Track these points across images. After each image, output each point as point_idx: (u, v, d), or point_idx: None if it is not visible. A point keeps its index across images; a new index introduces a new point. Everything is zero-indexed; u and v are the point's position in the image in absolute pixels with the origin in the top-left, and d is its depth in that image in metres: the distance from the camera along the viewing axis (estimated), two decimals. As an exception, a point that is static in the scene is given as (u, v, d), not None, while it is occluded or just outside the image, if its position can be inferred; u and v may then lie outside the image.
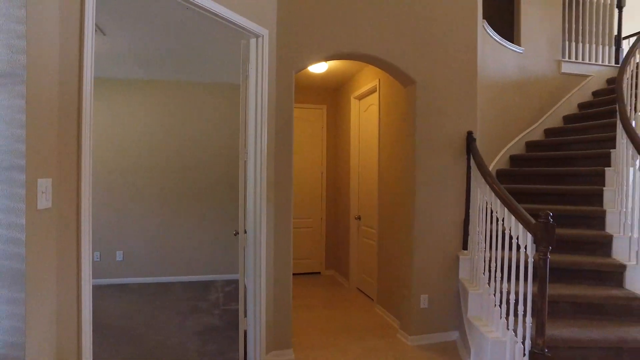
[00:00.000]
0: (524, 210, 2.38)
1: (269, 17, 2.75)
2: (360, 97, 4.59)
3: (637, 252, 2.95)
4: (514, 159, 4.63)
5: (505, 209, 2.55)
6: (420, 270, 3.21)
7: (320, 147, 5.36)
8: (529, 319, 2.29)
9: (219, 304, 4.04)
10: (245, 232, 2.77)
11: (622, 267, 2.97)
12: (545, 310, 2.15)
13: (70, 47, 1.61)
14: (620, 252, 3.09)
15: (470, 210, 3.27)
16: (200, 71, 4.54)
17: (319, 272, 5.36)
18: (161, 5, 2.81)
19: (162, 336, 3.20)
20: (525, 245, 2.33)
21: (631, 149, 3.03)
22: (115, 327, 3.36)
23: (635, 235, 3.00)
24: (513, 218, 2.45)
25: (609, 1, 5.32)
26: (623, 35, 5.71)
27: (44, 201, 1.51)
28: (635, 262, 2.95)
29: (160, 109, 4.88)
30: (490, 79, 4.38)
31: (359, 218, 4.66)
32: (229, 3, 2.41)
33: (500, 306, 2.61)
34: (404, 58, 3.17)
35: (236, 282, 4.89)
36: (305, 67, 2.99)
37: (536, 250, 2.19)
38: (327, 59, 3.06)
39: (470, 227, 3.25)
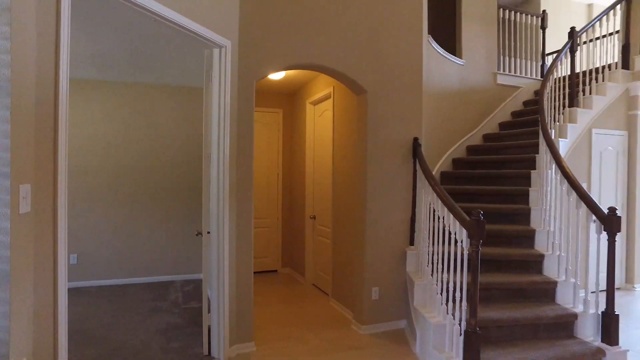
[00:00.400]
0: (460, 209, 2.72)
1: (232, 29, 2.92)
2: (316, 103, 4.84)
3: (552, 243, 3.42)
4: (456, 162, 5.07)
5: (445, 208, 2.88)
6: (371, 265, 3.50)
7: (277, 150, 5.55)
8: (464, 304, 2.63)
9: (179, 303, 4.12)
10: (209, 232, 2.91)
11: (541, 257, 3.42)
12: (477, 295, 2.50)
13: (46, 60, 1.71)
14: (540, 244, 3.56)
15: (416, 209, 3.60)
16: (159, 74, 4.58)
17: (276, 270, 5.55)
18: (123, 12, 2.89)
19: (125, 336, 3.26)
20: (462, 240, 2.67)
21: (549, 155, 3.49)
22: (74, 331, 3.38)
23: (552, 229, 3.47)
24: (451, 216, 2.79)
25: (535, 22, 5.92)
26: (547, 51, 6.38)
27: (25, 206, 1.61)
28: (551, 252, 3.41)
29: (118, 110, 4.86)
30: (435, 88, 4.79)
31: (314, 217, 4.90)
32: (193, 15, 2.56)
33: (441, 294, 2.95)
34: (356, 70, 3.44)
35: (195, 281, 4.97)
36: (266, 76, 3.18)
37: (470, 244, 2.53)
38: (286, 69, 3.27)
39: (416, 224, 3.58)
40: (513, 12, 5.74)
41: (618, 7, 5.02)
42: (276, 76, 4.55)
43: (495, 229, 3.60)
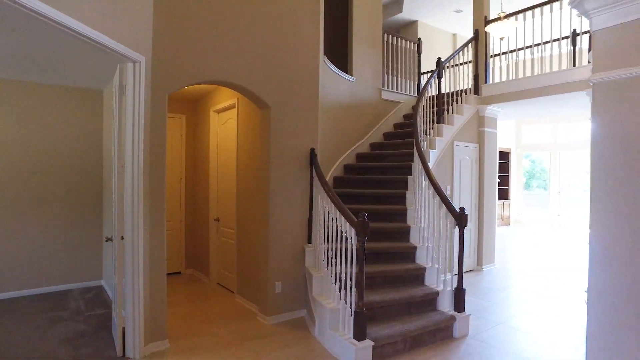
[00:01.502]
0: (349, 212, 3.28)
1: (146, 45, 3.08)
2: (220, 111, 5.08)
3: (422, 237, 4.22)
4: (347, 168, 5.74)
5: (338, 211, 3.43)
6: (274, 261, 3.92)
7: (180, 154, 5.65)
8: (353, 290, 3.19)
9: (82, 311, 4.06)
10: (123, 238, 3.05)
11: (414, 248, 4.19)
12: (363, 283, 3.08)
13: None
14: (414, 238, 4.34)
15: (313, 211, 4.11)
16: (52, 73, 4.38)
17: (180, 272, 5.66)
18: (29, 21, 2.86)
19: (25, 350, 3.19)
20: (351, 237, 3.23)
21: (420, 164, 4.28)
22: (-37, 347, 3.20)
23: (422, 225, 4.27)
24: (343, 218, 3.34)
25: (412, 47, 6.91)
26: (422, 71, 7.47)
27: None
28: (422, 244, 4.20)
29: (4, 110, 4.51)
30: (329, 102, 5.38)
31: (217, 220, 5.15)
32: (110, 32, 2.69)
33: (335, 284, 3.49)
34: (261, 87, 3.82)
35: (96, 288, 4.86)
36: (178, 89, 3.39)
37: (357, 241, 3.09)
38: (197, 84, 3.51)
39: (313, 224, 4.09)
40: (395, 37, 6.64)
41: (470, 45, 6.18)
42: (181, 84, 4.69)
43: (379, 227, 4.29)
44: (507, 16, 5.64)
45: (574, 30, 5.27)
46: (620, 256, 1.78)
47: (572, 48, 5.30)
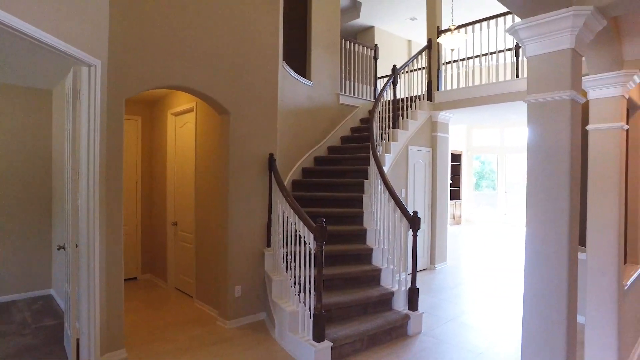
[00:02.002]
0: (308, 217, 3.37)
1: (102, 49, 3.01)
2: (177, 114, 5.02)
3: (378, 239, 4.38)
4: (305, 171, 5.83)
5: (297, 216, 3.51)
6: (234, 265, 3.94)
7: (136, 157, 5.52)
8: (312, 293, 3.29)
9: (28, 324, 3.89)
10: (77, 245, 2.97)
11: (370, 250, 4.35)
12: (321, 285, 3.18)
13: None
14: (370, 240, 4.50)
15: (272, 216, 4.17)
16: (-5, 75, 4.17)
17: (136, 277, 5.53)
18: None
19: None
20: (310, 242, 3.33)
21: (376, 168, 4.44)
22: None
23: (378, 227, 4.44)
24: (301, 223, 3.43)
25: (369, 53, 7.11)
26: (378, 75, 7.70)
27: None
28: (378, 246, 4.37)
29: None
30: (288, 107, 5.45)
31: (175, 224, 5.09)
32: (62, 35, 2.62)
33: (294, 287, 3.57)
34: (221, 93, 3.83)
35: (44, 298, 4.65)
36: (136, 94, 3.34)
37: (316, 245, 3.19)
38: (156, 88, 3.48)
39: (272, 228, 4.15)
40: (353, 43, 6.81)
41: (424, 53, 6.45)
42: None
43: (337, 230, 4.41)
44: (458, 27, 5.95)
45: (517, 43, 5.65)
46: (548, 257, 1.98)
47: (515, 60, 5.67)
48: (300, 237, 3.49)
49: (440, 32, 6.37)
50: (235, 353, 3.32)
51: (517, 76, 5.64)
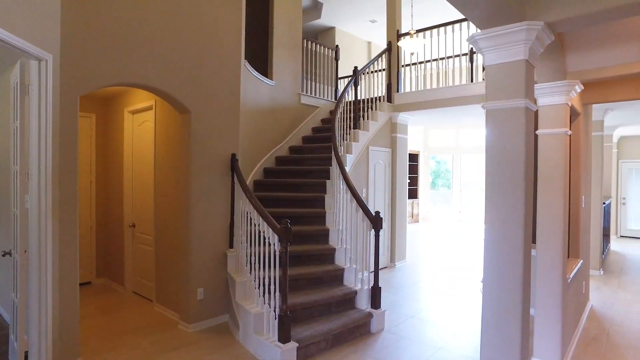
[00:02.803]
0: (272, 218, 3.37)
1: (53, 43, 2.86)
2: (135, 112, 4.85)
3: (341, 239, 4.45)
4: (267, 171, 5.80)
5: (260, 218, 3.50)
6: (196, 268, 3.87)
7: (89, 156, 5.27)
8: (277, 294, 3.29)
9: (-30, 334, 3.64)
10: (26, 251, 2.81)
11: (333, 250, 4.41)
12: (286, 286, 3.18)
13: None
14: (333, 240, 4.56)
15: (235, 216, 4.13)
16: None
17: (90, 282, 5.28)
18: None
19: None
20: (274, 243, 3.32)
21: (338, 169, 4.50)
22: None
23: (341, 227, 4.50)
24: (265, 224, 3.42)
25: (330, 54, 7.18)
26: (339, 76, 7.79)
27: None
28: (340, 246, 4.43)
29: None
30: (250, 106, 5.40)
31: (133, 226, 4.91)
32: (7, 25, 2.46)
33: (258, 288, 3.56)
34: (181, 91, 3.74)
35: (-12, 306, 4.34)
36: (91, 90, 3.20)
37: (280, 246, 3.20)
38: (113, 85, 3.34)
39: (235, 229, 4.11)
40: (314, 43, 6.84)
41: (384, 55, 6.60)
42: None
43: (300, 230, 4.43)
44: (418, 32, 6.13)
45: (472, 49, 5.90)
46: (504, 253, 2.11)
47: (470, 65, 5.92)
48: (264, 238, 3.48)
49: (400, 36, 6.54)
50: (199, 357, 3.27)
51: (472, 81, 5.89)
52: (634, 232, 10.06)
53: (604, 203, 7.15)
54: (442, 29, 6.14)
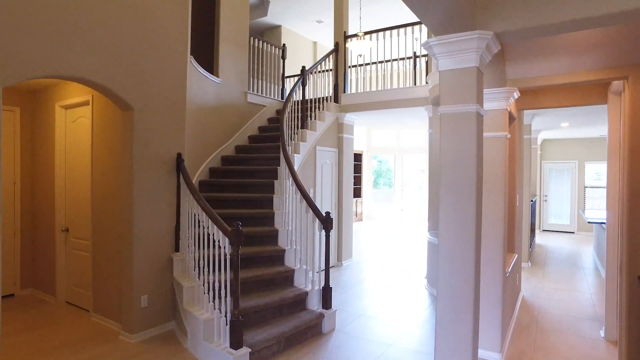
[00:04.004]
0: (222, 221, 3.26)
1: (-28, 30, 2.56)
2: (69, 107, 4.48)
3: (290, 240, 4.42)
4: (212, 171, 5.63)
5: (210, 220, 3.37)
6: (140, 274, 3.66)
7: (13, 154, 4.79)
8: (229, 299, 3.19)
9: None
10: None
11: (283, 251, 4.36)
12: (238, 291, 3.10)
13: None
14: (282, 241, 4.52)
15: (181, 218, 3.95)
16: None
17: (13, 294, 4.80)
18: None
19: None
20: (224, 246, 3.22)
21: (287, 169, 4.46)
22: None
23: (290, 228, 4.47)
24: (215, 227, 3.30)
25: (277, 52, 7.11)
26: (286, 75, 7.74)
27: None
28: (289, 247, 4.40)
29: None
30: (195, 104, 5.20)
31: (66, 230, 4.54)
32: None
33: (208, 293, 3.43)
34: (123, 86, 3.51)
35: None
36: (17, 82, 2.89)
37: (232, 249, 3.10)
38: (45, 77, 3.05)
39: (181, 232, 3.94)
40: (261, 41, 6.74)
41: (331, 56, 6.65)
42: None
43: (248, 231, 4.34)
44: (366, 34, 6.25)
45: (415, 53, 6.13)
46: (458, 250, 2.21)
47: (413, 69, 6.15)
48: (213, 240, 3.37)
49: (347, 37, 6.63)
50: (143, 369, 3.09)
51: (415, 84, 6.12)
52: (553, 226, 11.05)
53: (532, 200, 7.76)
54: (388, 32, 6.31)
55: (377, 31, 6.40)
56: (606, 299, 3.86)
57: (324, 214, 3.99)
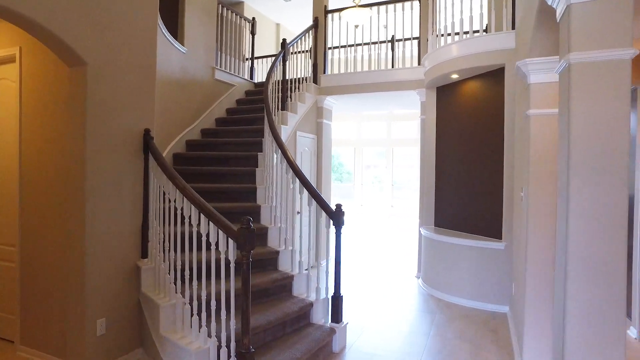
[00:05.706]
0: (225, 219, 2.42)
1: None
2: (-18, 66, 3.32)
3: (285, 239, 3.63)
4: (176, 157, 4.67)
5: (202, 215, 2.51)
6: (95, 291, 2.69)
7: None
8: (233, 320, 2.37)
9: None
10: None
11: (276, 254, 3.58)
12: (249, 312, 2.27)
13: None
14: (273, 241, 3.72)
15: (150, 215, 3.03)
16: None
17: None
18: None
19: None
20: (226, 250, 2.39)
21: (274, 144, 3.67)
22: None
23: (282, 225, 3.69)
24: (212, 225, 2.45)
25: (247, 26, 6.23)
26: (255, 55, 6.87)
27: None
28: (283, 247, 3.62)
29: None
30: (160, 74, 4.21)
31: (-20, 232, 3.38)
32: None
33: (199, 314, 2.56)
34: (72, 30, 2.51)
35: None
36: None
37: (240, 254, 2.28)
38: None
39: (151, 232, 3.02)
40: (230, 11, 5.81)
41: (309, 32, 5.90)
42: None
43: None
44: (361, 6, 5.60)
45: (393, 36, 5.57)
46: (597, 260, 1.61)
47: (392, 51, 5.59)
48: (206, 243, 2.52)
49: (327, 12, 5.91)
50: None
51: (393, 66, 5.60)
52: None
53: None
54: (375, 7, 5.67)
55: (370, 5, 5.72)
56: None
57: (334, 207, 3.27)
